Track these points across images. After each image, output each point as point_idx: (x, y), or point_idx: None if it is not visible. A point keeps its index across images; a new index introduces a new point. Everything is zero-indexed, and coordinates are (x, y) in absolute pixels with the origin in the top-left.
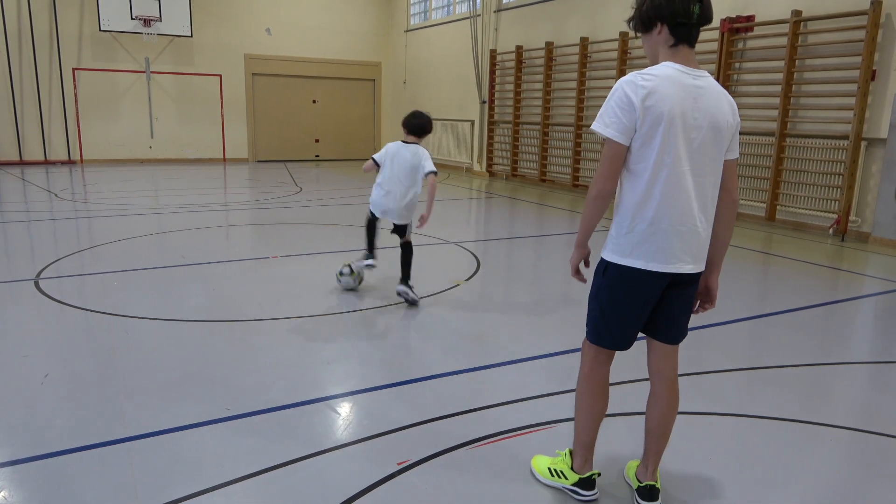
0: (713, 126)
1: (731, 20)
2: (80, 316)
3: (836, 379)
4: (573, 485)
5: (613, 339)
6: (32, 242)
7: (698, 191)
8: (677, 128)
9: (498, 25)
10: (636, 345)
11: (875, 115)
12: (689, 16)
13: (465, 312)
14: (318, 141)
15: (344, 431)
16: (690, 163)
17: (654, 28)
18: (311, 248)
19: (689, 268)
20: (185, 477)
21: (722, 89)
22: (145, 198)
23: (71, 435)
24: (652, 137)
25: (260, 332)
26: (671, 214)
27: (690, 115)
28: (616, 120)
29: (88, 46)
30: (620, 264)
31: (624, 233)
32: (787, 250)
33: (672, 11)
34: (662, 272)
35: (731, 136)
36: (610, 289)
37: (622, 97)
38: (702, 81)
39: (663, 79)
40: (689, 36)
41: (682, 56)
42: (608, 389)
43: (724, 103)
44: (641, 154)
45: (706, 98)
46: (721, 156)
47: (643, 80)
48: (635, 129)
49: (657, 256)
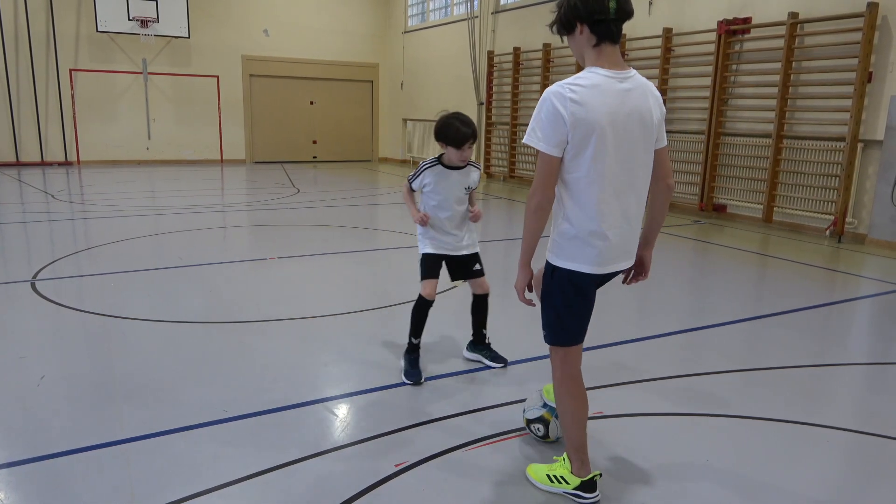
0: (643, 126)
1: (727, 22)
2: (76, 317)
3: (833, 380)
4: (575, 489)
5: (573, 336)
6: (29, 244)
7: (632, 192)
8: (608, 135)
9: (495, 27)
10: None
11: (871, 116)
12: (605, 12)
13: (462, 313)
14: (316, 142)
15: (341, 433)
16: (623, 166)
17: (575, 29)
18: (309, 250)
19: (625, 264)
20: (182, 479)
21: (648, 84)
22: (142, 199)
23: (68, 437)
24: (584, 147)
25: (257, 334)
26: (608, 219)
27: (621, 122)
28: (546, 133)
29: (85, 47)
30: (567, 268)
31: (567, 238)
32: (784, 252)
33: (588, 10)
34: (603, 273)
35: (658, 129)
36: (562, 293)
37: (551, 109)
38: (628, 83)
39: (591, 88)
40: (610, 33)
41: (607, 55)
42: (584, 388)
43: (651, 100)
44: (575, 164)
45: (635, 101)
46: (651, 151)
47: (571, 92)
48: (567, 141)
49: (599, 260)
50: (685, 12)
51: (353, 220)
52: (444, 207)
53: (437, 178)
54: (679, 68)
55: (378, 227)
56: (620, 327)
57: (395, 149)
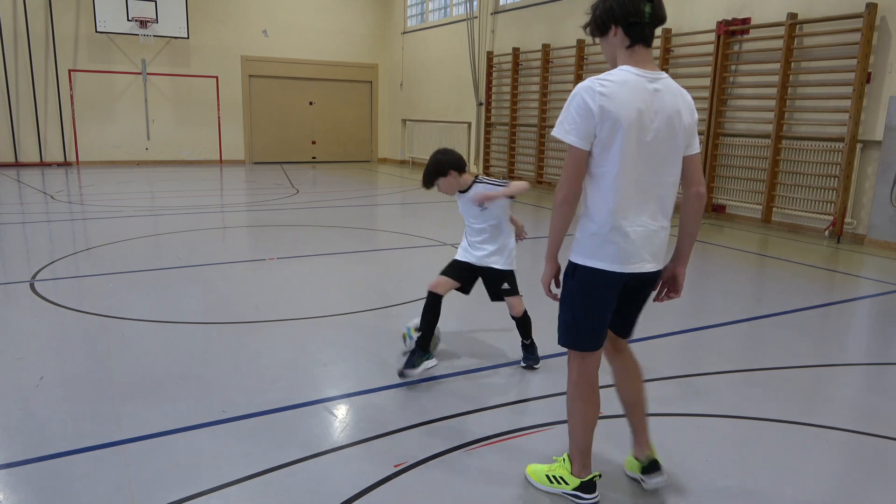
0: (670, 127)
1: (727, 23)
2: (75, 318)
3: (832, 381)
4: (574, 489)
5: (592, 341)
6: (28, 244)
7: (657, 192)
8: (634, 132)
9: (495, 27)
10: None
11: (870, 117)
12: (640, 15)
13: (461, 314)
14: (315, 143)
15: (341, 433)
16: (649, 165)
17: (610, 31)
18: (308, 250)
19: (650, 266)
20: (181, 479)
21: (679, 88)
22: (141, 200)
23: (67, 437)
24: (611, 142)
25: (256, 334)
26: (632, 216)
27: (648, 119)
28: (575, 126)
29: (85, 48)
30: (589, 266)
31: (589, 235)
32: (783, 252)
33: (624, 13)
34: (625, 272)
35: (689, 135)
36: (581, 292)
37: (580, 103)
38: (659, 84)
39: (620, 84)
40: (643, 36)
41: (639, 57)
42: (598, 393)
43: (681, 103)
44: (602, 158)
45: (663, 101)
46: (679, 155)
47: (601, 87)
48: (595, 135)
49: (621, 258)
50: (684, 13)
51: (353, 221)
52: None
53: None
54: (678, 69)
55: (377, 228)
56: None
57: (395, 149)
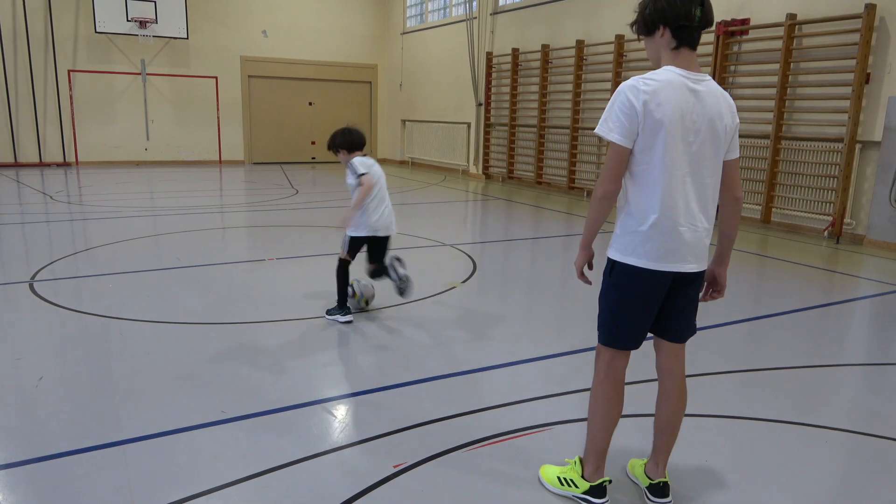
0: (712, 129)
1: (726, 23)
2: (75, 318)
3: (831, 381)
4: (584, 493)
5: (624, 339)
6: (27, 245)
7: (699, 192)
8: (678, 132)
9: (494, 28)
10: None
11: (869, 117)
12: (691, 18)
13: (461, 315)
14: (315, 143)
15: (340, 434)
16: (691, 165)
17: (657, 31)
18: (308, 251)
19: (692, 266)
20: (181, 479)
21: (722, 91)
22: (141, 200)
23: (66, 438)
24: (654, 141)
25: (255, 335)
26: (673, 215)
27: (690, 120)
28: (619, 124)
29: (84, 48)
30: (626, 263)
31: (628, 232)
32: (782, 252)
33: (675, 14)
34: (666, 271)
35: (730, 138)
36: (617, 288)
37: (625, 101)
38: (702, 86)
39: (664, 84)
40: (691, 39)
41: (684, 59)
42: (623, 393)
43: (724, 106)
44: (644, 157)
45: (706, 102)
46: (720, 157)
47: (645, 85)
48: (637, 133)
49: (661, 255)
50: None
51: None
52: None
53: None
54: None
55: None
56: None
57: (394, 150)
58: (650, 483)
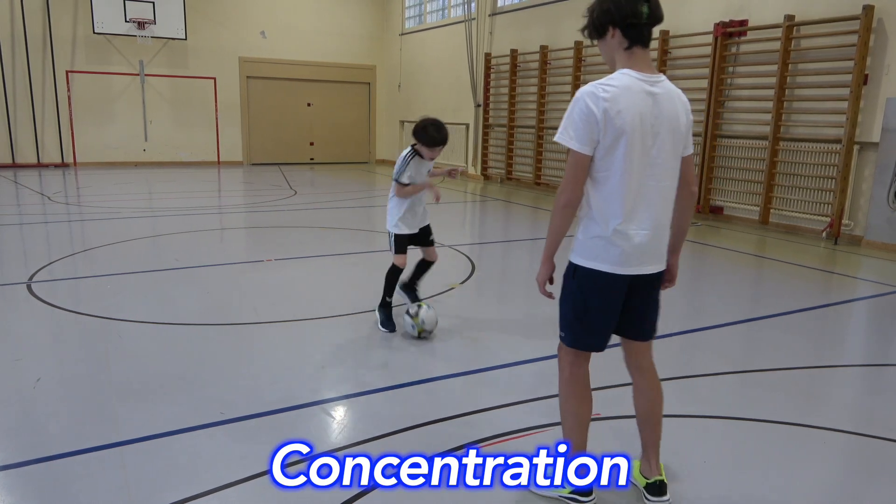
0: (670, 131)
1: (724, 24)
2: (73, 319)
3: (830, 382)
4: (571, 493)
5: (589, 341)
6: (25, 246)
7: (659, 195)
8: (637, 137)
9: (493, 29)
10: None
11: (867, 118)
12: (638, 16)
13: (460, 316)
14: (313, 144)
15: (339, 435)
16: (651, 169)
17: (608, 33)
18: (306, 252)
19: (651, 268)
20: (179, 481)
21: (676, 90)
22: (139, 201)
23: (64, 439)
24: (614, 147)
25: (254, 336)
26: (634, 220)
27: (649, 124)
28: (579, 131)
29: (82, 49)
30: (588, 267)
31: (591, 237)
32: (781, 253)
33: (622, 14)
34: (627, 275)
35: (686, 137)
36: (581, 291)
37: (584, 108)
38: (658, 87)
39: (623, 89)
40: (641, 37)
41: (638, 59)
42: (590, 390)
43: (679, 106)
44: (605, 163)
45: (663, 104)
46: (678, 157)
47: (604, 92)
48: (598, 140)
49: (624, 260)
50: (681, 15)
51: (351, 222)
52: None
53: (417, 167)
54: (676, 70)
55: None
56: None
57: (393, 150)
58: (647, 483)
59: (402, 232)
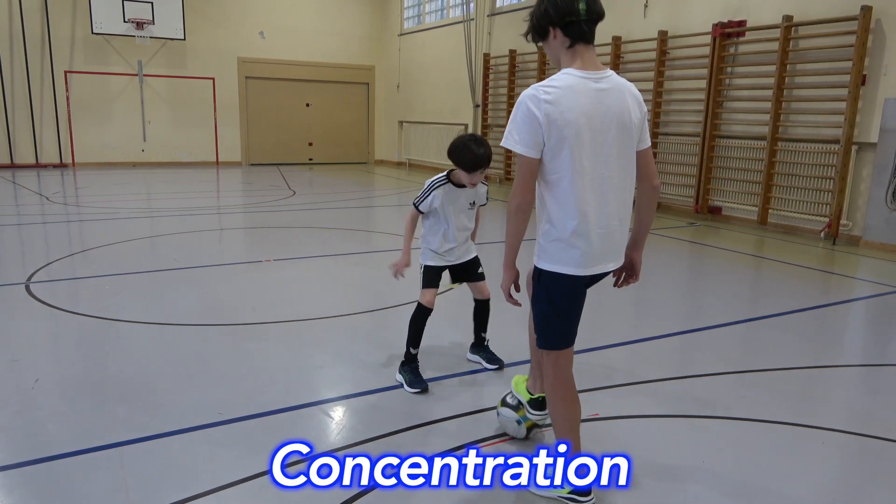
0: (620, 125)
1: (722, 25)
2: (71, 320)
3: (828, 382)
4: (570, 493)
5: (561, 339)
6: (24, 246)
7: (614, 192)
8: (585, 136)
9: (491, 30)
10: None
11: (866, 119)
12: (576, 13)
13: (459, 317)
14: (312, 144)
15: (337, 436)
16: (604, 167)
17: (549, 34)
18: (305, 252)
19: (612, 266)
20: (177, 482)
21: (625, 83)
22: (138, 201)
23: (62, 440)
24: (561, 149)
25: (252, 336)
26: (592, 219)
27: (597, 121)
28: (522, 135)
29: (81, 49)
30: (552, 271)
31: (551, 241)
32: (779, 254)
33: (559, 13)
34: (588, 275)
35: (639, 130)
36: (548, 293)
37: (526, 112)
38: (604, 83)
39: (565, 89)
40: (583, 34)
41: (582, 57)
42: (576, 392)
43: (629, 99)
44: (554, 165)
45: (611, 100)
46: (633, 152)
47: (545, 94)
48: (543, 143)
49: (584, 261)
50: (680, 15)
51: (349, 223)
52: (449, 224)
53: (447, 196)
54: (674, 71)
55: (374, 230)
56: (615, 329)
57: (391, 151)
58: (531, 398)
59: (430, 263)
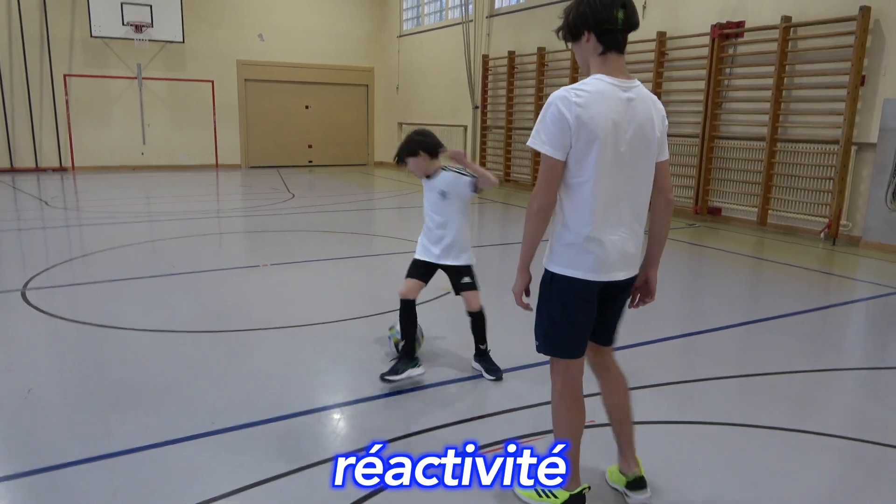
0: (644, 137)
1: (721, 26)
2: (66, 327)
3: (828, 386)
4: (564, 503)
5: (571, 347)
6: (22, 252)
7: (632, 201)
8: (610, 143)
9: (490, 31)
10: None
11: (865, 119)
12: (614, 22)
13: (455, 320)
14: (311, 146)
15: (333, 443)
16: (624, 175)
17: (582, 37)
18: (302, 256)
19: (623, 275)
20: (169, 492)
21: (651, 96)
22: (137, 205)
23: (55, 450)
24: (587, 153)
25: (248, 343)
26: (607, 226)
27: (623, 130)
28: (551, 136)
29: (80, 52)
30: (564, 275)
31: (565, 244)
32: (779, 255)
33: (597, 19)
34: (600, 281)
35: (660, 143)
36: (559, 299)
37: (556, 113)
38: (632, 93)
39: (596, 94)
40: (616, 42)
41: (612, 64)
42: (583, 402)
43: (653, 111)
44: (578, 169)
45: (637, 110)
46: (652, 164)
47: (576, 97)
48: (570, 145)
49: (597, 266)
50: (678, 16)
51: (349, 226)
52: (426, 216)
53: (425, 189)
54: (673, 72)
55: (373, 233)
56: None
57: (391, 153)
58: (627, 481)
59: (416, 255)
